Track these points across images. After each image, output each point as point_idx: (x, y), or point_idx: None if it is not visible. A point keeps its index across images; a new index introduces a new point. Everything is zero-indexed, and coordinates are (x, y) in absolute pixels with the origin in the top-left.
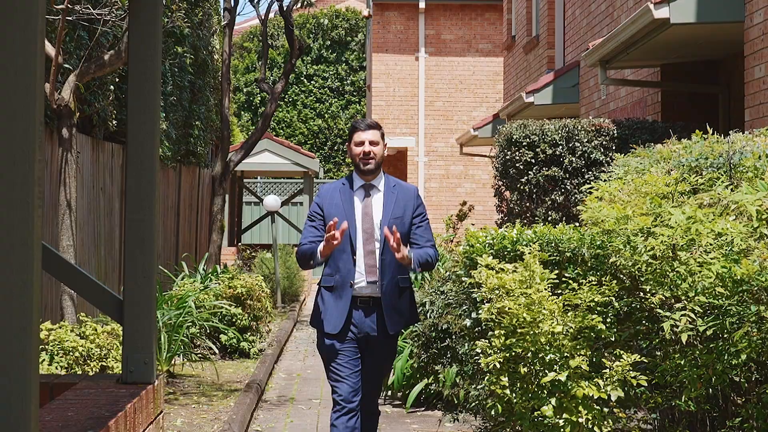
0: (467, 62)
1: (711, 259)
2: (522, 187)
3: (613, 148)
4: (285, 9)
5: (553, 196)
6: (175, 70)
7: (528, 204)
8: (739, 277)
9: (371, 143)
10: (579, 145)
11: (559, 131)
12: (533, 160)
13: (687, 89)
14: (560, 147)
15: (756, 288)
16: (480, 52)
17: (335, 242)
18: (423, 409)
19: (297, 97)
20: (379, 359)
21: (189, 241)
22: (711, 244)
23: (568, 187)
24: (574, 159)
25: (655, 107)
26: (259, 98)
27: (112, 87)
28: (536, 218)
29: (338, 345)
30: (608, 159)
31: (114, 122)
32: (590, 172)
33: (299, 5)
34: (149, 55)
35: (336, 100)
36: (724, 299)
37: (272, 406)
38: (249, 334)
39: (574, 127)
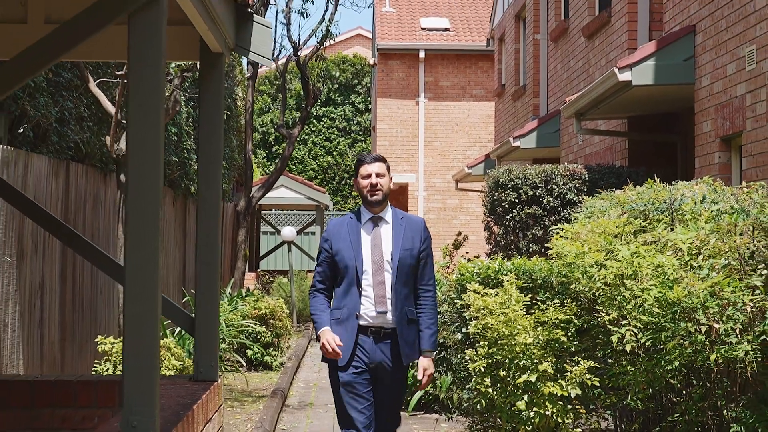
0: (462, 106)
1: (650, 285)
2: (507, 223)
3: (585, 190)
4: (301, 62)
5: (533, 231)
6: None
7: (512, 237)
8: (671, 300)
9: (377, 175)
10: (556, 187)
11: (539, 175)
12: (517, 200)
13: (650, 138)
14: (540, 189)
15: (685, 309)
16: (474, 97)
17: (327, 350)
18: (423, 412)
19: (308, 136)
20: (391, 388)
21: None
22: (650, 274)
23: (547, 224)
24: (551, 199)
25: (623, 153)
26: (274, 137)
27: None
28: (520, 249)
29: (348, 378)
30: (580, 199)
31: None
32: (565, 211)
33: (314, 59)
34: (214, 140)
35: (343, 138)
36: (660, 317)
37: (294, 410)
38: (272, 349)
39: (552, 172)
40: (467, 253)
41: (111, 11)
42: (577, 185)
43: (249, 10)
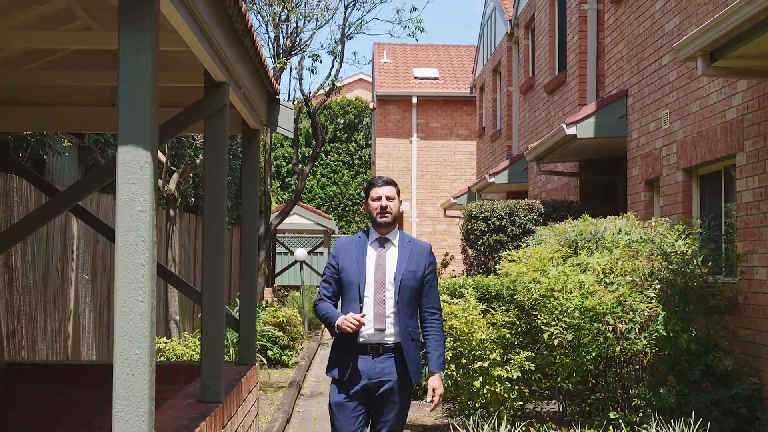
0: (450, 144)
1: (572, 296)
2: (479, 248)
3: (541, 221)
4: (311, 111)
5: (500, 254)
6: (230, 156)
7: (483, 259)
8: (588, 307)
9: (387, 198)
10: (518, 218)
11: (504, 209)
12: (486, 229)
13: (597, 179)
14: (505, 220)
15: (598, 313)
16: (459, 136)
17: (350, 330)
18: None
19: (316, 169)
20: (393, 403)
21: (238, 283)
22: (573, 288)
23: (510, 248)
24: (514, 228)
25: (576, 190)
26: (286, 170)
27: (191, 174)
28: (489, 269)
29: (343, 399)
30: (537, 229)
31: (192, 198)
32: (525, 237)
33: (321, 107)
34: (251, 208)
35: (347, 171)
36: (580, 320)
37: (307, 397)
38: (288, 350)
39: (515, 206)
40: (454, 270)
41: (196, 115)
42: (535, 217)
43: (277, 96)
